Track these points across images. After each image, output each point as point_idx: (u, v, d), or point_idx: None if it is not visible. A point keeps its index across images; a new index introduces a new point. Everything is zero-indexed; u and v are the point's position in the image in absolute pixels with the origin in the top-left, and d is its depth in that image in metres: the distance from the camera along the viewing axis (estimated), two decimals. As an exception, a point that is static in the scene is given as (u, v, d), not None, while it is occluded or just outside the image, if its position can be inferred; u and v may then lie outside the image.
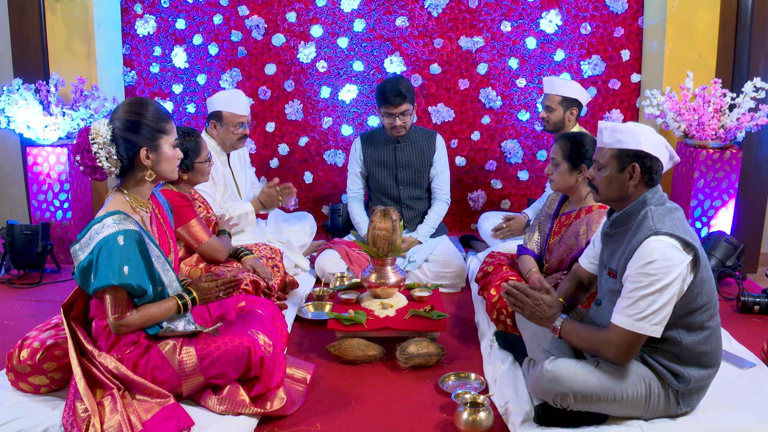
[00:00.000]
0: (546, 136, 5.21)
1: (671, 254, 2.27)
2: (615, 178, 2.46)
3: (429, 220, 4.42)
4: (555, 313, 2.54)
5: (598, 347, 2.40)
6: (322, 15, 5.12)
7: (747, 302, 3.77)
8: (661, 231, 2.30)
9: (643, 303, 2.28)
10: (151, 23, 5.16)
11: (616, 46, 5.05)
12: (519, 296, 2.58)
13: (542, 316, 2.55)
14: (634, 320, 2.30)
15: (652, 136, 2.43)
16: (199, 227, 3.44)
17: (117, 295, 2.43)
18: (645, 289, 2.28)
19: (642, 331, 2.30)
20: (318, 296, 3.91)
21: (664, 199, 2.45)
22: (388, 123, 4.23)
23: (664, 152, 2.44)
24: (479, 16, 5.07)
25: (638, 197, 2.44)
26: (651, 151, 2.40)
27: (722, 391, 2.70)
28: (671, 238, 2.29)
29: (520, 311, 2.60)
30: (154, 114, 2.50)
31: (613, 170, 2.46)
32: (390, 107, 4.15)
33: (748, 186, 4.58)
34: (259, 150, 5.32)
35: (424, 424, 2.65)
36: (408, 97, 4.15)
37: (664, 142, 2.45)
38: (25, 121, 4.46)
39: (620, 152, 2.44)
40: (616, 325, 2.34)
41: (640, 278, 2.29)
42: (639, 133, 2.41)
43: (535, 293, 2.56)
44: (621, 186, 2.46)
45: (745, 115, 4.16)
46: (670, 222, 2.34)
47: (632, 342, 2.33)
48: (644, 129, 2.43)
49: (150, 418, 2.40)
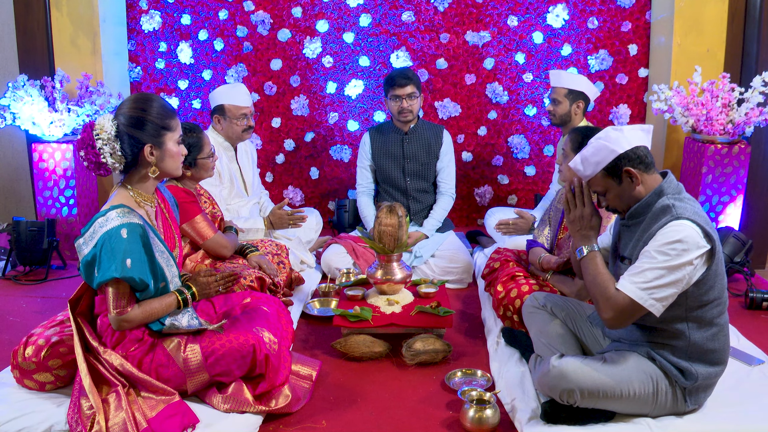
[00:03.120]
0: (553, 131, 5.19)
1: (693, 238, 2.26)
2: (622, 191, 2.46)
3: (435, 214, 4.43)
4: (592, 236, 2.53)
5: (599, 299, 2.39)
6: (328, 10, 5.10)
7: (755, 298, 3.75)
8: (683, 216, 2.29)
9: (650, 273, 2.27)
10: (156, 19, 5.15)
11: (623, 41, 5.02)
12: (580, 197, 2.57)
13: (582, 227, 2.54)
14: (637, 288, 2.29)
15: (616, 134, 2.42)
16: (204, 223, 3.43)
17: (119, 289, 2.42)
18: (656, 263, 2.27)
19: (642, 302, 2.28)
20: (324, 292, 3.91)
21: (680, 189, 2.44)
22: (396, 106, 4.29)
23: (636, 135, 2.43)
24: (486, 10, 5.05)
25: (653, 187, 2.43)
26: (626, 148, 2.39)
27: (730, 388, 2.68)
28: (693, 224, 2.28)
29: (568, 211, 2.59)
30: (158, 110, 2.49)
31: (614, 187, 2.47)
32: (397, 88, 4.24)
33: (757, 181, 4.55)
34: (265, 145, 5.31)
35: (430, 421, 2.64)
36: (414, 80, 4.26)
37: (629, 128, 2.44)
38: (31, 118, 4.46)
39: (607, 169, 2.44)
40: (619, 288, 2.34)
41: (656, 255, 2.28)
42: (606, 144, 2.41)
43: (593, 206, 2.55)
44: (631, 193, 2.45)
45: (753, 110, 4.13)
46: (691, 209, 2.34)
47: (630, 310, 2.32)
48: (606, 136, 2.43)
49: (155, 416, 2.40)
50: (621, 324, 2.37)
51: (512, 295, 3.24)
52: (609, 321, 2.37)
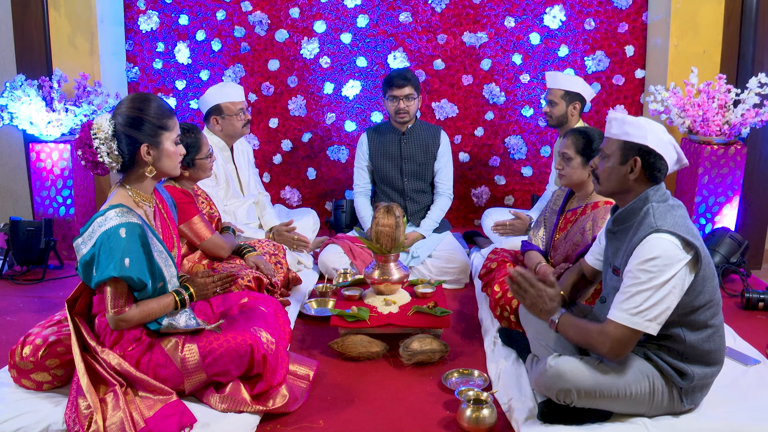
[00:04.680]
0: (550, 131, 5.20)
1: (671, 252, 2.27)
2: (616, 170, 2.46)
3: (432, 214, 4.44)
4: (555, 307, 2.53)
5: (592, 341, 2.39)
6: (326, 11, 5.10)
7: (751, 299, 3.76)
8: (662, 228, 2.30)
9: (638, 298, 2.28)
10: (154, 19, 5.15)
11: (620, 42, 5.03)
12: (523, 284, 2.57)
13: (542, 308, 2.54)
14: (629, 315, 2.29)
15: (661, 134, 2.42)
16: (202, 224, 3.43)
17: (117, 288, 2.42)
18: (642, 285, 2.28)
19: (637, 327, 2.29)
20: (321, 293, 3.91)
21: (666, 196, 2.44)
22: (393, 107, 4.29)
23: (670, 152, 2.43)
24: (483, 11, 5.06)
25: (640, 193, 2.44)
26: (656, 148, 2.39)
27: (726, 388, 2.69)
28: (672, 236, 2.29)
29: (522, 300, 2.59)
30: (156, 110, 2.50)
31: (616, 161, 2.46)
32: (394, 89, 4.25)
33: (753, 182, 4.56)
34: (263, 146, 5.32)
35: (427, 420, 2.65)
36: (412, 81, 4.26)
37: (672, 142, 2.44)
38: (28, 117, 4.46)
39: (625, 144, 2.44)
40: (612, 319, 2.34)
41: (639, 274, 2.29)
42: (647, 128, 2.40)
43: (539, 284, 2.55)
44: (621, 178, 2.46)
45: (749, 111, 4.14)
46: (671, 219, 2.33)
47: (627, 337, 2.32)
48: (653, 125, 2.42)
49: (152, 415, 2.40)
50: (623, 352, 2.36)
51: (509, 296, 3.25)
52: (610, 354, 2.36)
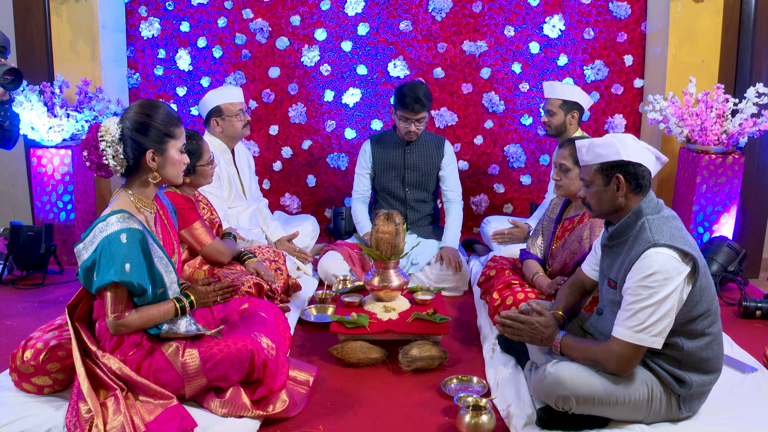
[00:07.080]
0: (548, 140, 5.22)
1: (670, 266, 2.29)
2: (603, 193, 2.48)
3: (452, 225, 4.40)
4: (553, 332, 2.56)
5: (598, 359, 2.41)
6: (326, 19, 5.13)
7: (749, 307, 3.77)
8: (660, 242, 2.32)
9: (642, 315, 2.30)
10: (155, 26, 5.17)
11: (619, 51, 5.06)
12: (514, 325, 2.60)
13: (541, 337, 2.57)
14: (633, 332, 2.32)
15: (632, 143, 2.44)
16: (203, 230, 3.44)
17: (117, 293, 2.43)
18: (644, 301, 2.30)
19: (642, 343, 2.32)
20: (321, 299, 3.92)
21: (659, 207, 2.46)
22: (403, 127, 4.25)
23: (647, 156, 2.45)
24: (483, 20, 5.08)
25: (632, 208, 2.46)
26: (632, 159, 2.41)
27: (724, 395, 2.71)
28: (670, 249, 2.31)
29: (520, 338, 2.62)
30: (164, 117, 2.52)
31: (600, 185, 2.48)
32: (409, 113, 4.17)
33: (751, 191, 4.58)
34: (263, 153, 5.33)
35: (426, 427, 2.66)
36: (427, 106, 4.19)
37: (646, 146, 2.46)
38: (30, 123, 4.47)
39: (602, 166, 2.46)
40: (616, 337, 2.36)
41: (639, 291, 2.31)
42: (616, 143, 2.43)
43: (529, 318, 2.58)
44: (611, 199, 2.47)
45: (747, 121, 4.16)
46: (668, 232, 2.35)
47: (632, 353, 2.35)
48: (621, 137, 2.45)
49: (153, 420, 2.41)
50: (630, 368, 2.39)
51: (508, 303, 3.26)
52: (617, 370, 2.38)
